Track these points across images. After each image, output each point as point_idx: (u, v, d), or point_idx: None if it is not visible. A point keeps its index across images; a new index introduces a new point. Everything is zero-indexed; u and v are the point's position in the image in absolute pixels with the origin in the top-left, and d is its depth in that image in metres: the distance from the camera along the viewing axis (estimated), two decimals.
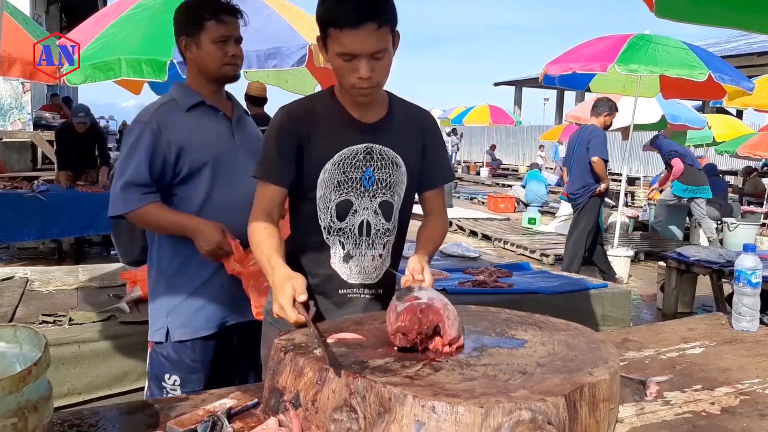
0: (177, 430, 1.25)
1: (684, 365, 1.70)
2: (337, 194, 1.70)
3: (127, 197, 1.94)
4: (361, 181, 1.70)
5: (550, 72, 5.94)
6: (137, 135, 1.97)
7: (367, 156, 1.71)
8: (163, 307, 2.05)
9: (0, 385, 0.95)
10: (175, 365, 2.03)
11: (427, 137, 1.82)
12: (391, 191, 1.74)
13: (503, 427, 1.08)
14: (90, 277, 3.61)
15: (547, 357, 1.33)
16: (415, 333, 1.32)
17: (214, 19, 1.99)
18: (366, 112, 1.72)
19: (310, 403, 1.24)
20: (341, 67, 1.59)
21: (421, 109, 1.87)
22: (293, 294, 1.45)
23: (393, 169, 1.73)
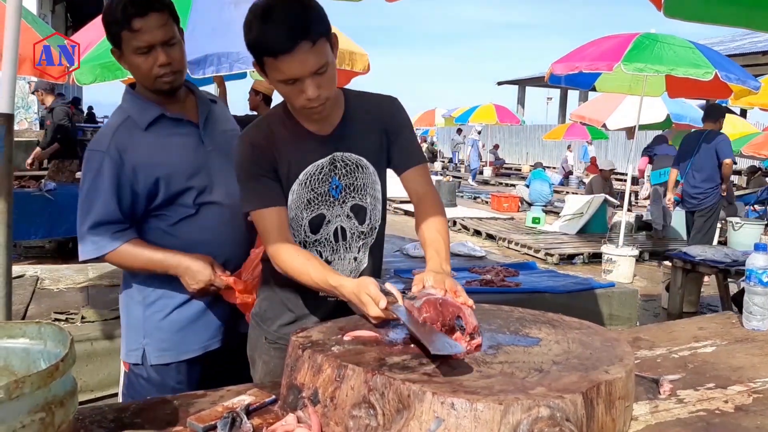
0: (197, 425, 1.26)
1: (696, 364, 1.71)
2: (309, 212, 1.67)
3: (98, 239, 1.74)
4: (330, 193, 1.67)
5: (556, 71, 5.94)
6: (97, 167, 1.74)
7: (332, 167, 1.67)
8: (139, 325, 1.86)
9: (29, 380, 0.96)
10: (159, 388, 1.84)
11: (387, 123, 1.73)
12: (361, 193, 1.70)
13: (522, 424, 1.10)
14: (99, 275, 3.63)
15: (563, 355, 1.35)
16: (440, 325, 1.34)
17: (126, 29, 1.71)
18: (322, 123, 1.66)
19: (328, 399, 1.26)
20: (286, 92, 1.54)
21: (382, 97, 1.77)
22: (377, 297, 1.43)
23: (358, 172, 1.69)
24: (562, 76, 6.02)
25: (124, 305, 1.93)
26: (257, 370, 1.80)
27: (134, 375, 1.89)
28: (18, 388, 0.95)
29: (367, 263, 1.76)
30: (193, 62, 4.14)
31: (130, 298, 1.90)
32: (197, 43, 4.01)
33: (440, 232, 1.68)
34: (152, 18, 1.71)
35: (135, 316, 1.88)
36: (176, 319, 1.86)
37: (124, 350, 1.91)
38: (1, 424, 0.94)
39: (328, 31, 1.51)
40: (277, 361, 1.75)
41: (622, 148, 20.61)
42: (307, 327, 1.50)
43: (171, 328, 1.85)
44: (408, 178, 1.75)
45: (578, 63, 5.78)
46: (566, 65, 5.87)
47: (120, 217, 1.76)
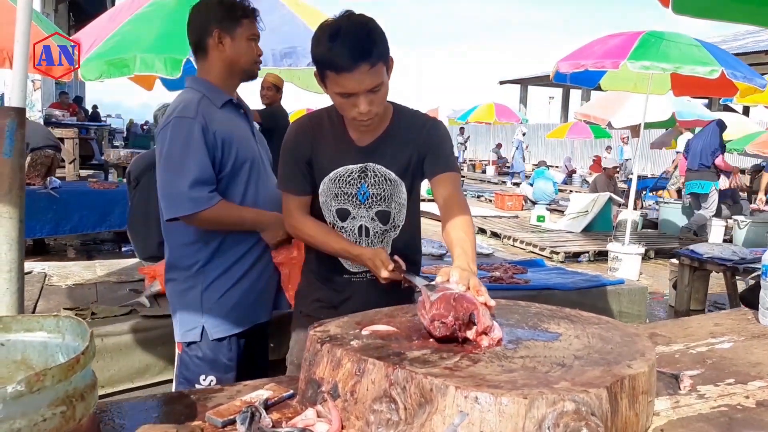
0: (216, 420, 1.25)
1: (714, 359, 1.69)
2: (336, 203, 1.85)
3: (196, 196, 1.88)
4: (356, 196, 1.84)
5: (562, 69, 5.93)
6: (187, 131, 1.89)
7: (362, 174, 1.83)
8: (197, 305, 2.01)
9: (50, 373, 0.95)
10: (211, 365, 2.01)
11: (428, 143, 1.85)
12: (387, 202, 1.85)
13: (547, 418, 1.08)
14: (108, 272, 3.63)
15: (584, 350, 1.33)
16: (453, 320, 1.32)
17: (250, 18, 2.04)
18: (364, 135, 1.82)
19: (348, 393, 1.24)
20: (340, 103, 1.69)
21: (426, 119, 1.89)
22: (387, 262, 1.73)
23: (387, 185, 1.84)
24: (568, 74, 6.00)
25: (178, 293, 2.06)
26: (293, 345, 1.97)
27: (188, 355, 2.03)
28: (39, 381, 0.94)
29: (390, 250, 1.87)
30: None
31: (186, 285, 2.03)
32: None
33: (467, 233, 1.74)
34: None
35: (192, 300, 2.02)
36: (231, 296, 2.03)
37: (181, 331, 2.04)
38: (23, 417, 0.93)
39: (387, 54, 1.67)
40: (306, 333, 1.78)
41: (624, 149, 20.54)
42: (324, 321, 1.48)
43: (227, 304, 2.02)
44: (437, 182, 1.85)
45: (584, 61, 5.76)
46: (572, 63, 5.85)
47: (214, 178, 1.94)
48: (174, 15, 4.18)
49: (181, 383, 2.04)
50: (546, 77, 26.38)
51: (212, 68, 2.04)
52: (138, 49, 4.16)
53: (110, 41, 4.30)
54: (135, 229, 3.96)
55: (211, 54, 2.02)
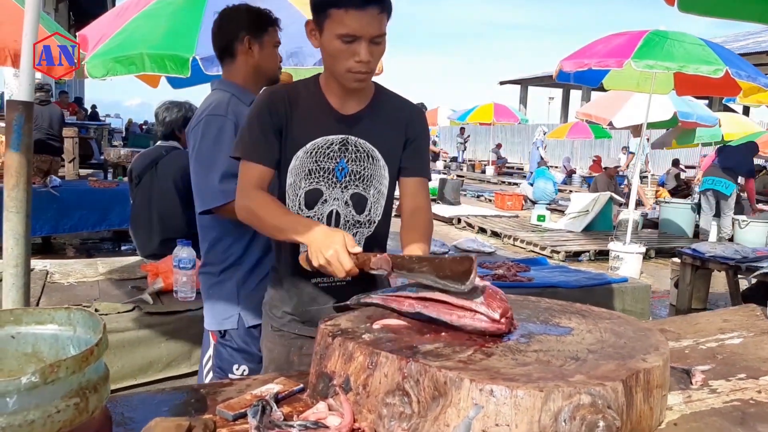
0: (227, 413, 1.24)
1: (725, 355, 1.69)
2: (307, 182, 1.68)
3: (226, 187, 1.93)
4: (334, 172, 1.69)
5: (565, 68, 5.92)
6: (219, 128, 2.00)
7: (342, 147, 1.69)
8: (233, 294, 2.08)
9: (64, 365, 0.94)
10: (245, 355, 2.08)
11: (410, 130, 1.77)
12: (365, 184, 1.71)
13: (563, 411, 1.07)
14: (109, 269, 3.61)
15: (597, 344, 1.32)
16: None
17: (274, 26, 2.15)
18: (346, 103, 1.70)
19: (361, 387, 1.24)
20: (339, 50, 1.57)
21: (410, 103, 1.82)
22: (345, 242, 1.46)
23: (368, 162, 1.71)
24: (571, 73, 6.00)
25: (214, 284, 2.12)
26: (264, 358, 1.83)
27: (222, 345, 2.10)
28: (54, 372, 0.93)
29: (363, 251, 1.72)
30: (206, 59, 4.12)
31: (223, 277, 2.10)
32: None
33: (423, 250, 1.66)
34: None
35: (229, 290, 2.09)
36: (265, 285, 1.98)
37: (217, 320, 2.11)
38: (37, 408, 0.92)
39: (391, 10, 1.60)
40: (280, 349, 1.77)
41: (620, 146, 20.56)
42: (334, 316, 1.47)
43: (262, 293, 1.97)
44: (407, 184, 1.78)
45: (587, 60, 5.76)
46: (575, 62, 5.85)
47: None
48: (181, 13, 4.17)
49: (216, 372, 2.12)
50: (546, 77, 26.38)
51: (239, 71, 2.14)
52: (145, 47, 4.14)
53: (117, 38, 4.28)
54: (137, 227, 3.95)
55: (240, 58, 2.12)
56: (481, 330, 1.33)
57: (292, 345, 1.77)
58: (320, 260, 1.47)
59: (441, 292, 1.38)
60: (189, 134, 2.10)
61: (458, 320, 1.35)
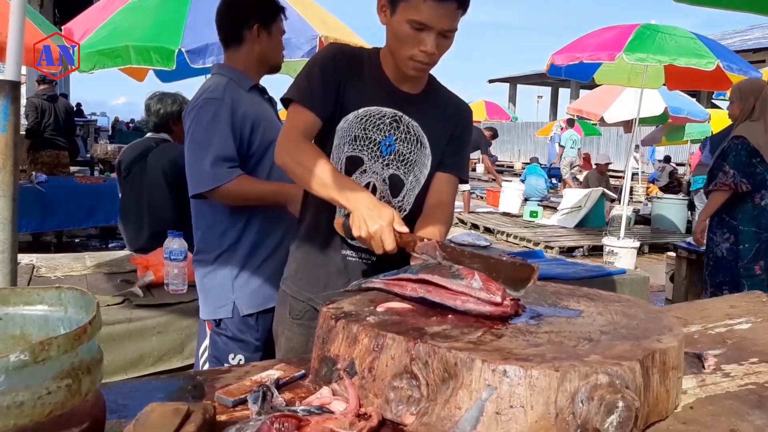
0: (227, 399, 1.19)
1: (734, 340, 1.65)
2: (351, 148, 1.64)
3: (217, 171, 1.93)
4: (380, 145, 1.64)
5: (557, 62, 5.90)
6: (213, 112, 1.98)
7: (394, 124, 1.65)
8: (228, 282, 2.06)
9: (56, 343, 0.88)
10: (239, 344, 2.07)
11: (457, 128, 1.75)
12: (407, 168, 1.67)
13: (580, 391, 1.03)
14: (97, 263, 3.54)
15: (609, 326, 1.28)
16: None
17: (282, 15, 2.17)
18: (403, 82, 1.67)
19: (366, 370, 1.18)
20: (407, 35, 1.53)
21: (461, 100, 1.81)
22: (392, 219, 1.40)
23: (416, 147, 1.67)
24: (563, 66, 5.98)
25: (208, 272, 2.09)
26: (280, 345, 1.76)
27: (217, 335, 2.08)
28: (44, 350, 0.87)
29: None
30: (193, 51, 4.09)
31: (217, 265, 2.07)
32: (198, 31, 3.97)
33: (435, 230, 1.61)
34: None
35: (223, 278, 2.06)
36: (260, 273, 2.07)
37: (211, 309, 2.09)
38: (26, 389, 0.86)
39: (467, 10, 1.56)
40: (299, 338, 1.70)
41: (614, 145, 20.67)
42: (337, 299, 1.42)
43: (256, 281, 2.07)
44: (439, 179, 1.74)
45: (579, 53, 5.74)
46: (567, 56, 5.83)
47: (235, 155, 1.97)
48: (166, 5, 4.13)
49: (212, 363, 2.09)
50: (535, 75, 26.40)
51: (243, 58, 2.12)
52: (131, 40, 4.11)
53: (102, 31, 4.24)
54: (126, 221, 3.87)
55: (246, 45, 2.11)
56: (486, 314, 1.28)
57: (311, 335, 1.68)
58: (362, 231, 1.40)
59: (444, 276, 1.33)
60: (186, 117, 2.07)
61: (462, 305, 1.30)
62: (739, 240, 3.80)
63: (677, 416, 1.21)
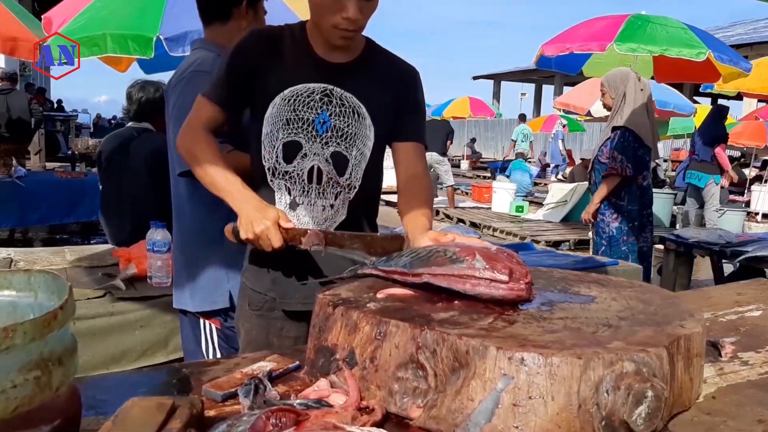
0: (215, 393, 1.09)
1: (747, 327, 1.58)
2: (285, 133, 1.54)
3: None
4: (314, 124, 1.53)
5: (547, 53, 5.82)
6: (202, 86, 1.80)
7: (325, 98, 1.54)
8: (222, 272, 1.94)
9: (21, 329, 0.78)
10: None
11: (403, 91, 1.62)
12: (348, 143, 1.55)
13: (605, 380, 0.94)
14: (78, 257, 3.40)
15: (626, 311, 1.20)
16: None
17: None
18: (332, 53, 1.55)
19: (367, 360, 1.09)
20: (325, 4, 1.44)
21: (405, 63, 1.67)
22: (277, 217, 1.40)
23: (353, 119, 1.55)
24: (553, 58, 5.91)
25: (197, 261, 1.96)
26: (240, 340, 1.68)
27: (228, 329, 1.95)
28: (8, 337, 0.77)
29: (347, 216, 1.60)
30: (171, 39, 3.98)
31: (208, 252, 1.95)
32: (177, 19, 3.87)
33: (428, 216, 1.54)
34: None
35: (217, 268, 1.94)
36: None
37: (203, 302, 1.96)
38: None
39: None
40: (259, 330, 1.62)
41: (597, 140, 20.70)
42: (333, 286, 1.32)
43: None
44: (401, 150, 1.63)
45: (569, 44, 5.67)
46: (557, 46, 5.75)
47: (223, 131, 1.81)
48: None
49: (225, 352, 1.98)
50: (519, 72, 26.37)
51: (227, 35, 1.98)
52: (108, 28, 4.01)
53: (80, 19, 4.14)
54: (108, 213, 3.74)
55: (234, 21, 2.00)
56: (499, 298, 1.18)
57: (271, 326, 1.61)
58: (249, 234, 1.40)
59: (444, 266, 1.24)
60: (170, 91, 1.95)
61: (473, 289, 1.20)
62: (626, 219, 4.30)
63: (700, 407, 1.13)
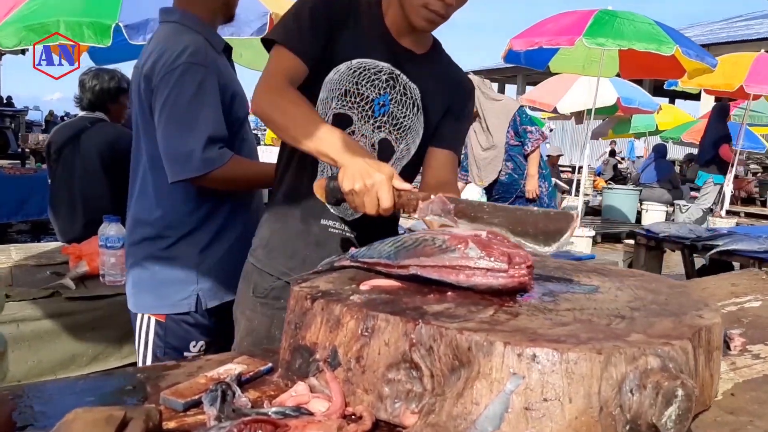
0: (175, 401, 0.93)
1: (750, 318, 1.50)
2: (339, 103, 1.41)
3: (209, 154, 1.63)
4: (372, 104, 1.41)
5: (515, 47, 5.76)
6: (200, 80, 1.64)
7: (390, 81, 1.43)
8: (191, 272, 1.75)
9: None
10: (203, 330, 1.79)
11: (458, 100, 1.54)
12: (399, 133, 1.45)
13: (628, 378, 0.82)
14: (25, 255, 3.18)
15: (636, 301, 1.08)
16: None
17: None
18: (405, 37, 1.45)
19: (353, 361, 0.95)
20: None
21: (463, 72, 1.59)
22: (392, 174, 1.19)
23: (411, 111, 1.45)
24: (522, 52, 5.84)
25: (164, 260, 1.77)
26: (239, 330, 1.51)
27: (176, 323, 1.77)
28: None
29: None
30: (131, 26, 3.81)
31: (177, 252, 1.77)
32: (137, 4, 3.69)
33: None
34: None
35: (185, 266, 1.76)
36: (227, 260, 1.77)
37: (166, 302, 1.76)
38: None
39: None
40: (262, 320, 1.47)
41: (559, 141, 20.88)
42: (309, 278, 1.18)
43: (224, 268, 1.78)
44: (435, 155, 1.51)
45: (538, 38, 5.61)
46: (526, 41, 5.69)
47: (226, 134, 1.69)
48: None
49: (167, 354, 1.77)
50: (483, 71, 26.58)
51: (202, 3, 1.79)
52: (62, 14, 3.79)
53: (32, 4, 3.90)
54: (57, 209, 3.51)
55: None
56: (499, 287, 1.05)
57: (275, 316, 1.45)
58: (356, 184, 1.17)
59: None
60: (159, 83, 1.67)
61: (468, 280, 1.06)
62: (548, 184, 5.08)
63: (720, 405, 1.02)
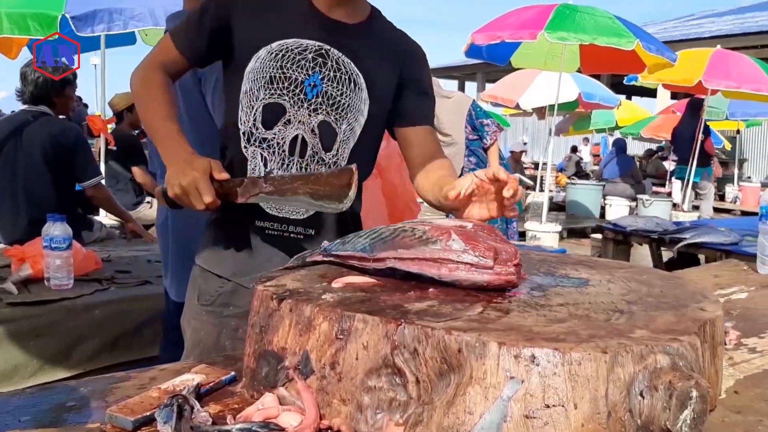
0: (123, 419, 0.82)
1: (738, 311, 1.44)
2: (267, 93, 1.30)
3: None
4: (303, 87, 1.29)
5: (477, 41, 5.71)
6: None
7: (319, 59, 1.30)
8: None
9: None
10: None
11: (408, 69, 1.41)
12: (339, 114, 1.32)
13: (637, 378, 0.74)
14: None
15: (631, 294, 1.00)
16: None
17: None
18: (335, 9, 1.33)
19: (327, 367, 0.85)
20: None
21: (410, 39, 1.46)
22: (208, 168, 1.17)
23: (348, 88, 1.32)
24: (483, 46, 5.80)
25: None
26: (186, 342, 1.40)
27: None
28: None
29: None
30: (79, 18, 3.65)
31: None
32: None
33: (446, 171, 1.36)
34: None
35: None
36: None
37: None
38: None
39: None
40: (209, 329, 1.35)
41: (521, 133, 21.01)
42: (274, 276, 1.06)
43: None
44: (414, 134, 1.41)
45: (500, 32, 5.57)
46: (488, 35, 5.64)
47: None
48: None
49: None
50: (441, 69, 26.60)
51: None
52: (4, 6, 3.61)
53: None
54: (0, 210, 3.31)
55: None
56: (483, 284, 0.96)
57: (224, 325, 1.34)
58: (175, 189, 1.16)
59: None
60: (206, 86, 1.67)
61: (450, 274, 0.97)
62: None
63: (725, 404, 0.95)
